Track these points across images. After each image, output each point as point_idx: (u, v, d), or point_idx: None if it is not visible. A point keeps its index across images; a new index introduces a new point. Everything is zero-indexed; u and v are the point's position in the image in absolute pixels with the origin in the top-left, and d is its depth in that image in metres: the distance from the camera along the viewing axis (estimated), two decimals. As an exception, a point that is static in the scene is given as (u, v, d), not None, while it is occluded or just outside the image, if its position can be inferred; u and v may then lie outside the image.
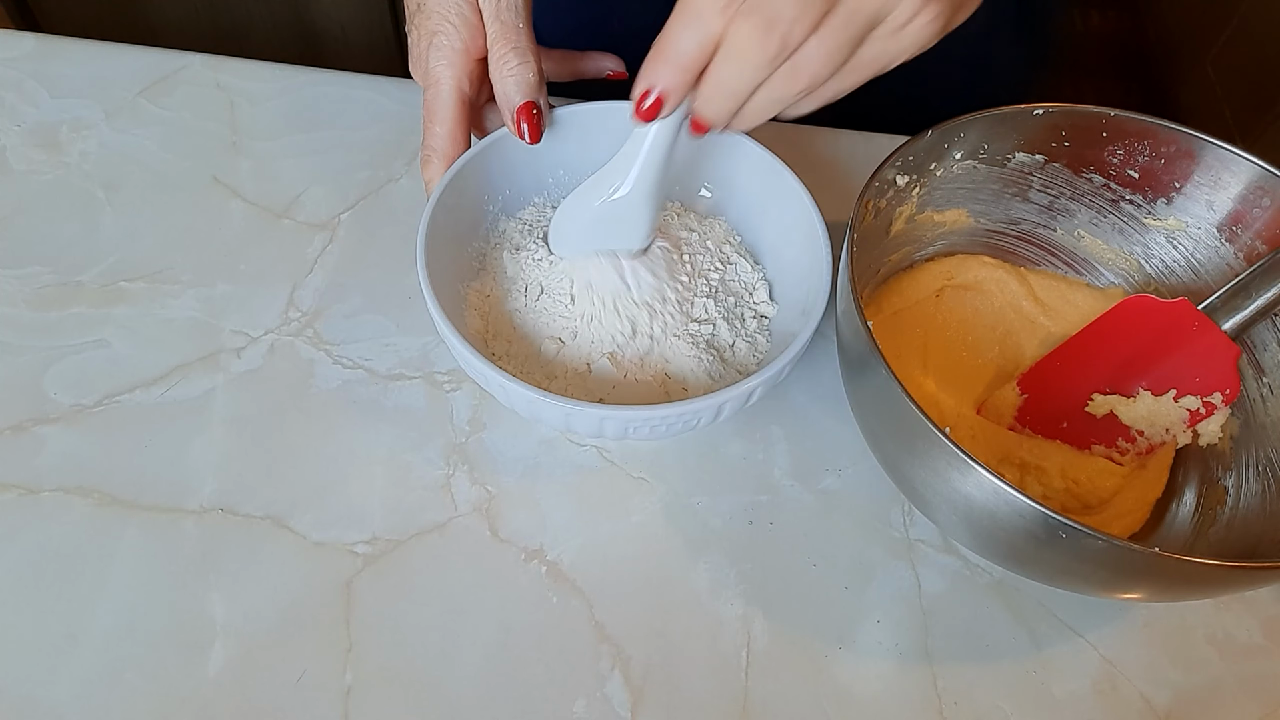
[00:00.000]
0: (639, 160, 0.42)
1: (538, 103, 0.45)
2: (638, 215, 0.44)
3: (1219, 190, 0.46)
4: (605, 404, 0.39)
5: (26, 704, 0.39)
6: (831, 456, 0.48)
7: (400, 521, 0.45)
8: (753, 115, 0.36)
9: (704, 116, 0.37)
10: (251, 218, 0.55)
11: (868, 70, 0.35)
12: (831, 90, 0.35)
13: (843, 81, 0.35)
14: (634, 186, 0.43)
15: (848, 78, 0.35)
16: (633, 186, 0.43)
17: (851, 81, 0.35)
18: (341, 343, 0.50)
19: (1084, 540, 0.33)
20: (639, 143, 0.42)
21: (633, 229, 0.45)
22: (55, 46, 0.62)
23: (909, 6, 0.33)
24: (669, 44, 0.35)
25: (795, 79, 0.34)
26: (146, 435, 0.46)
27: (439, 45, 0.44)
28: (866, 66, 0.35)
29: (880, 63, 0.35)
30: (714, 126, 0.37)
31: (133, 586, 0.42)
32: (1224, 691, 0.43)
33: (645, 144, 0.42)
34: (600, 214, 0.44)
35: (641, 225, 0.45)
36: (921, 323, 0.51)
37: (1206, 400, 0.45)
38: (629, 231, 0.45)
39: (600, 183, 0.44)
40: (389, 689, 0.40)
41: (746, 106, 0.36)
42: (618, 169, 0.43)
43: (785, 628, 0.43)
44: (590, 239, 0.46)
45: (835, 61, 0.33)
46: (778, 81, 0.34)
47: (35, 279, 0.51)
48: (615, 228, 0.45)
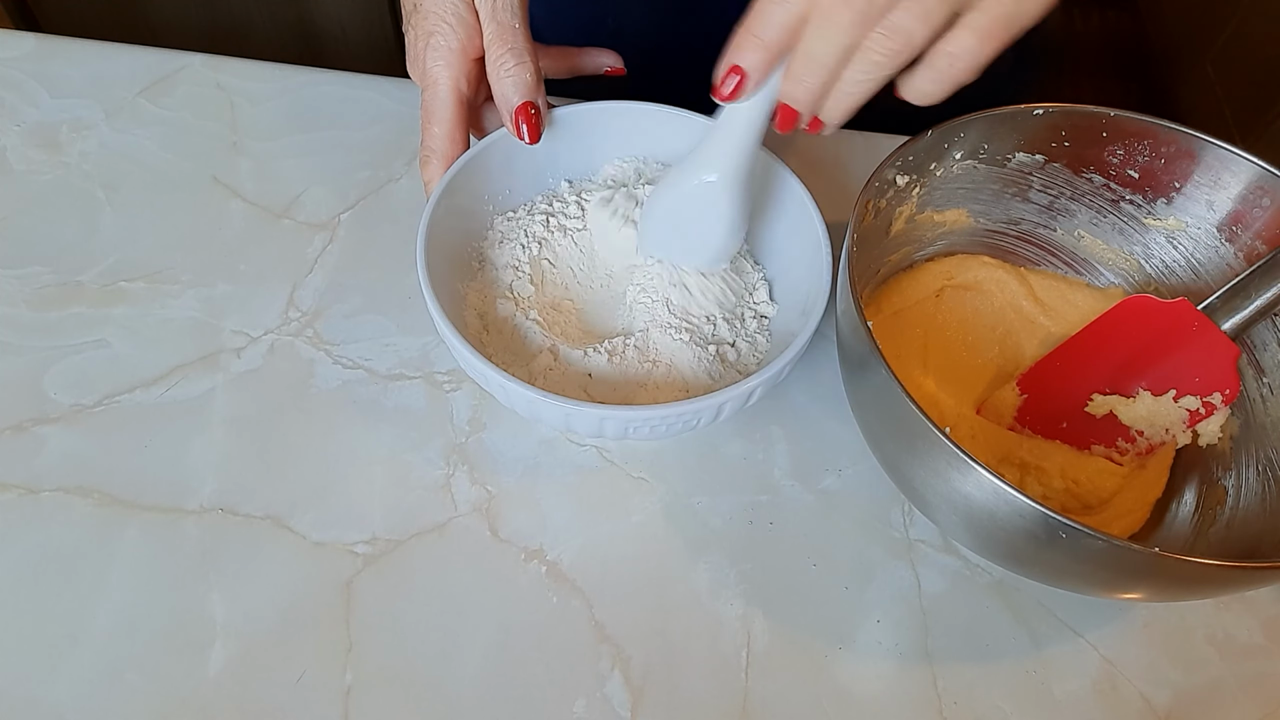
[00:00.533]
0: (726, 147, 0.40)
1: (536, 103, 0.45)
2: (723, 205, 0.42)
3: (1219, 190, 0.46)
4: (605, 404, 0.40)
5: (26, 704, 0.39)
6: (831, 456, 0.48)
7: (400, 521, 0.45)
8: (848, 90, 0.34)
9: (792, 97, 0.35)
10: (251, 218, 0.55)
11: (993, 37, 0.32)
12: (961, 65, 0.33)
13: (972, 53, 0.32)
14: (721, 173, 0.41)
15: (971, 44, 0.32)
16: (720, 174, 0.41)
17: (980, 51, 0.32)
18: (341, 343, 0.50)
19: (1084, 540, 0.33)
20: (726, 128, 0.40)
21: (719, 219, 0.43)
22: (55, 46, 0.62)
23: None
24: (752, 20, 0.34)
25: (889, 42, 0.32)
26: (146, 435, 0.46)
27: (436, 45, 0.44)
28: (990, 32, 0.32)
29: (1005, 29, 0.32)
30: (803, 109, 0.35)
31: (133, 586, 0.42)
32: (1224, 691, 0.43)
33: (734, 129, 0.40)
34: (688, 201, 0.42)
35: (726, 216, 0.43)
36: (921, 323, 0.51)
37: (1206, 400, 0.45)
38: (715, 221, 0.43)
39: (687, 169, 0.42)
40: (389, 689, 0.40)
41: (840, 81, 0.34)
42: (705, 155, 0.41)
43: (785, 628, 0.43)
44: (679, 229, 0.44)
45: (931, 23, 0.32)
46: (871, 47, 0.32)
47: (35, 279, 0.51)
48: (701, 220, 0.43)
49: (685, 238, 0.45)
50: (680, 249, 0.45)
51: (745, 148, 0.41)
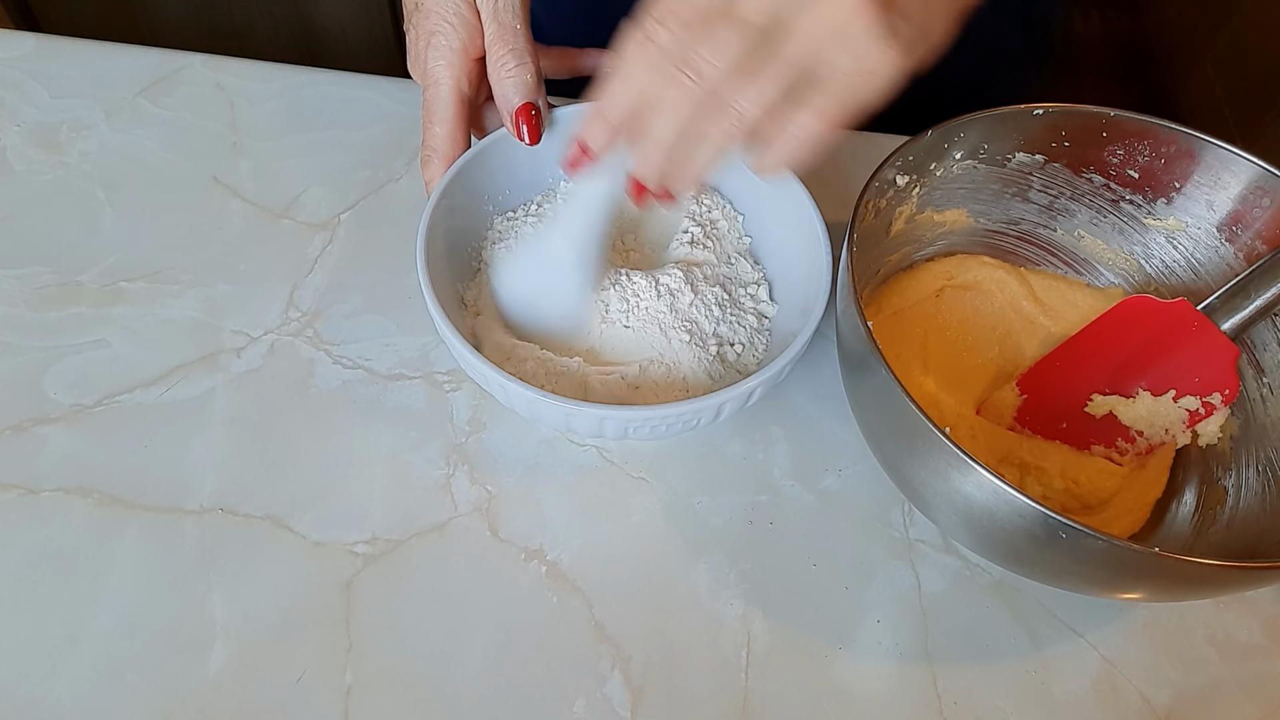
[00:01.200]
0: (578, 217, 0.42)
1: (536, 104, 0.45)
2: (574, 277, 0.44)
3: (1219, 190, 0.46)
4: (605, 404, 0.40)
5: (26, 704, 0.39)
6: (831, 456, 0.48)
7: (400, 521, 0.45)
8: (689, 166, 0.36)
9: (639, 174, 0.37)
10: (251, 218, 0.55)
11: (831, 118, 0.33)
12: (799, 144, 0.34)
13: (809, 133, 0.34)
14: (572, 244, 0.43)
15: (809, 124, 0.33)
16: (571, 245, 0.43)
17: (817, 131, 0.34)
18: (341, 343, 0.50)
19: (1084, 540, 0.33)
20: (579, 200, 0.42)
21: (569, 289, 0.45)
22: (55, 46, 0.62)
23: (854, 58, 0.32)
24: (602, 99, 0.36)
25: (723, 123, 0.34)
26: (146, 435, 0.46)
27: (437, 45, 0.44)
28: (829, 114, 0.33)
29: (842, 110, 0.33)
30: (650, 184, 0.37)
31: (133, 586, 0.42)
32: (1224, 691, 0.43)
33: (585, 201, 0.42)
34: (540, 272, 0.44)
35: (576, 286, 0.44)
36: (921, 323, 0.51)
37: (1206, 400, 0.45)
38: (566, 290, 0.45)
39: (541, 238, 0.44)
40: (389, 689, 0.40)
41: (684, 159, 0.35)
42: (560, 226, 0.43)
43: (785, 628, 0.43)
44: (532, 292, 0.45)
45: (765, 104, 0.33)
46: (706, 128, 0.34)
47: (35, 279, 0.51)
48: (553, 290, 0.45)
49: (538, 303, 0.46)
50: (533, 314, 0.46)
51: (597, 220, 0.42)
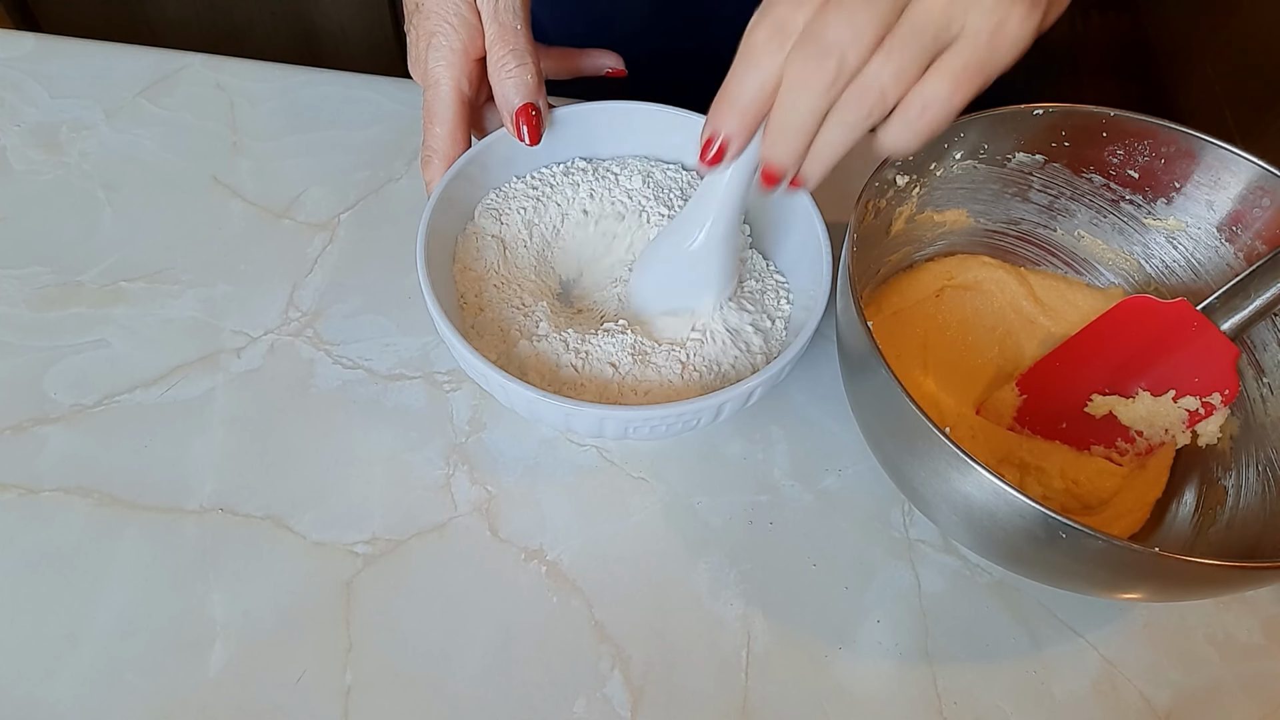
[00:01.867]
0: (711, 211, 0.42)
1: (536, 104, 0.45)
2: (711, 267, 0.43)
3: (1219, 190, 0.46)
4: (605, 404, 0.39)
5: (26, 704, 0.39)
6: (831, 456, 0.48)
7: (400, 521, 0.45)
8: (825, 150, 0.34)
9: (771, 160, 0.35)
10: (251, 218, 0.55)
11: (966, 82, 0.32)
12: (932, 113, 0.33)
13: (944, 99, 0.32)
14: (707, 237, 0.42)
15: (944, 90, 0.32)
16: (706, 237, 0.42)
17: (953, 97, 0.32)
18: (341, 343, 0.50)
19: (1084, 540, 0.33)
20: (710, 192, 0.41)
21: (707, 281, 0.44)
22: (55, 46, 0.62)
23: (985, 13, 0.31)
24: (728, 87, 0.34)
25: (862, 101, 0.32)
26: (146, 435, 0.46)
27: (438, 46, 0.44)
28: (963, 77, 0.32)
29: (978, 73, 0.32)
30: (784, 171, 0.35)
31: (133, 586, 0.42)
32: (1224, 691, 0.43)
33: (717, 193, 0.41)
34: (676, 266, 0.44)
35: (714, 277, 0.44)
36: (921, 323, 0.51)
37: (1205, 401, 0.45)
38: (704, 284, 0.44)
39: (674, 234, 0.44)
40: (389, 689, 0.40)
41: (817, 142, 0.34)
42: (691, 219, 0.42)
43: (785, 628, 0.43)
44: (668, 294, 0.45)
45: (904, 78, 0.32)
46: (845, 107, 0.33)
47: (35, 279, 0.51)
48: (691, 280, 0.44)
49: (674, 300, 0.45)
50: (671, 309, 0.46)
51: (729, 211, 0.41)
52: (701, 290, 0.45)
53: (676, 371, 0.44)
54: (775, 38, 0.33)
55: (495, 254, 0.48)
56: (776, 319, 0.47)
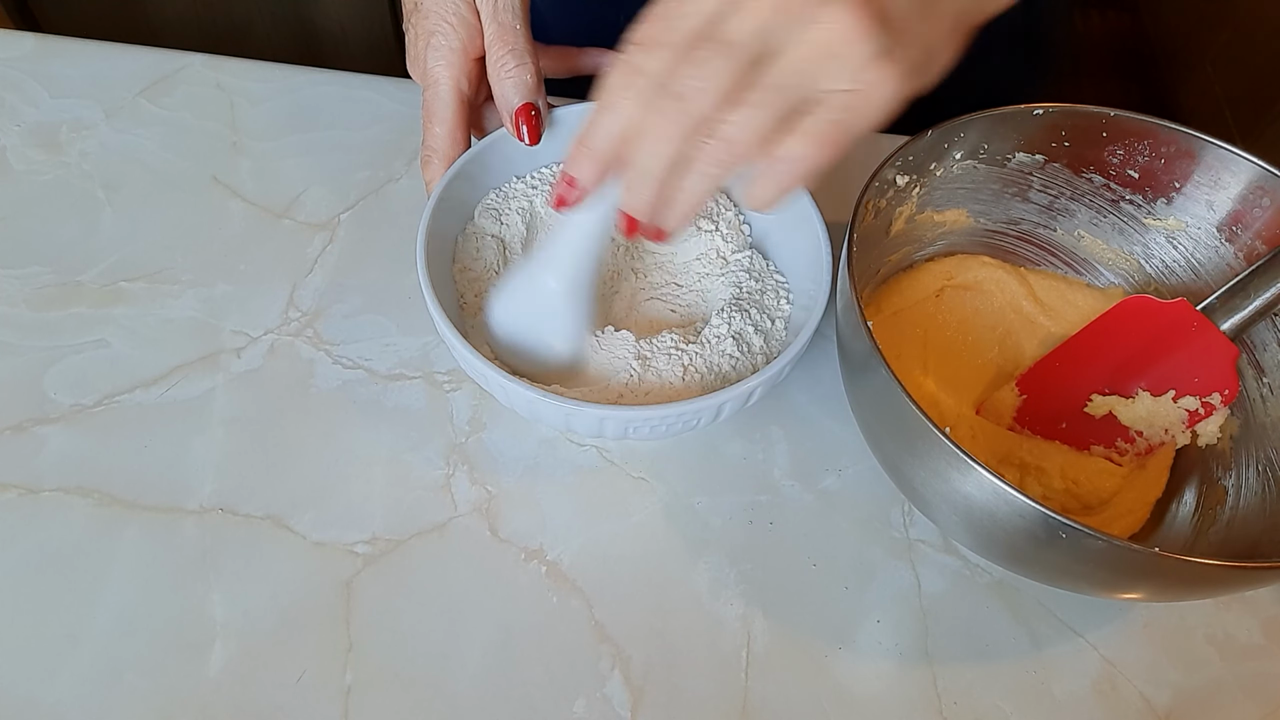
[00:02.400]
0: (569, 252, 0.41)
1: (536, 104, 0.45)
2: (565, 312, 0.43)
3: (1219, 190, 0.46)
4: (605, 404, 0.39)
5: (26, 704, 0.39)
6: (831, 456, 0.48)
7: (400, 521, 0.45)
8: (681, 198, 0.34)
9: (628, 207, 0.35)
10: (251, 218, 0.55)
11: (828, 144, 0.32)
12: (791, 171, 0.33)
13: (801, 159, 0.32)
14: (561, 280, 0.42)
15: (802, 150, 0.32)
16: (560, 281, 0.42)
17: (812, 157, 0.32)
18: (341, 343, 0.50)
19: (1084, 540, 0.33)
20: (571, 234, 0.41)
21: (562, 325, 0.43)
22: (55, 46, 0.62)
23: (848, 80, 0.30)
24: (584, 133, 0.35)
25: (714, 152, 0.32)
26: (146, 435, 0.46)
27: (437, 45, 0.44)
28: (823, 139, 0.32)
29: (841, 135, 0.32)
30: (641, 217, 0.35)
31: (133, 586, 0.42)
32: (1224, 691, 0.43)
33: (574, 235, 0.41)
34: (533, 305, 0.43)
35: (569, 322, 0.43)
36: (921, 323, 0.51)
37: (1205, 401, 0.45)
38: (559, 327, 0.43)
39: (531, 270, 0.43)
40: (389, 689, 0.40)
41: (673, 191, 0.34)
42: (550, 259, 0.42)
43: (785, 628, 0.43)
44: (523, 331, 0.44)
45: (758, 132, 0.31)
46: (697, 157, 0.32)
47: (35, 279, 0.51)
48: (548, 321, 0.43)
49: (527, 338, 0.44)
50: (524, 347, 0.45)
51: (587, 254, 0.41)
52: (558, 332, 0.44)
53: (677, 373, 0.44)
54: (631, 85, 0.32)
55: (495, 254, 0.48)
56: (776, 319, 0.47)
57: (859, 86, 0.31)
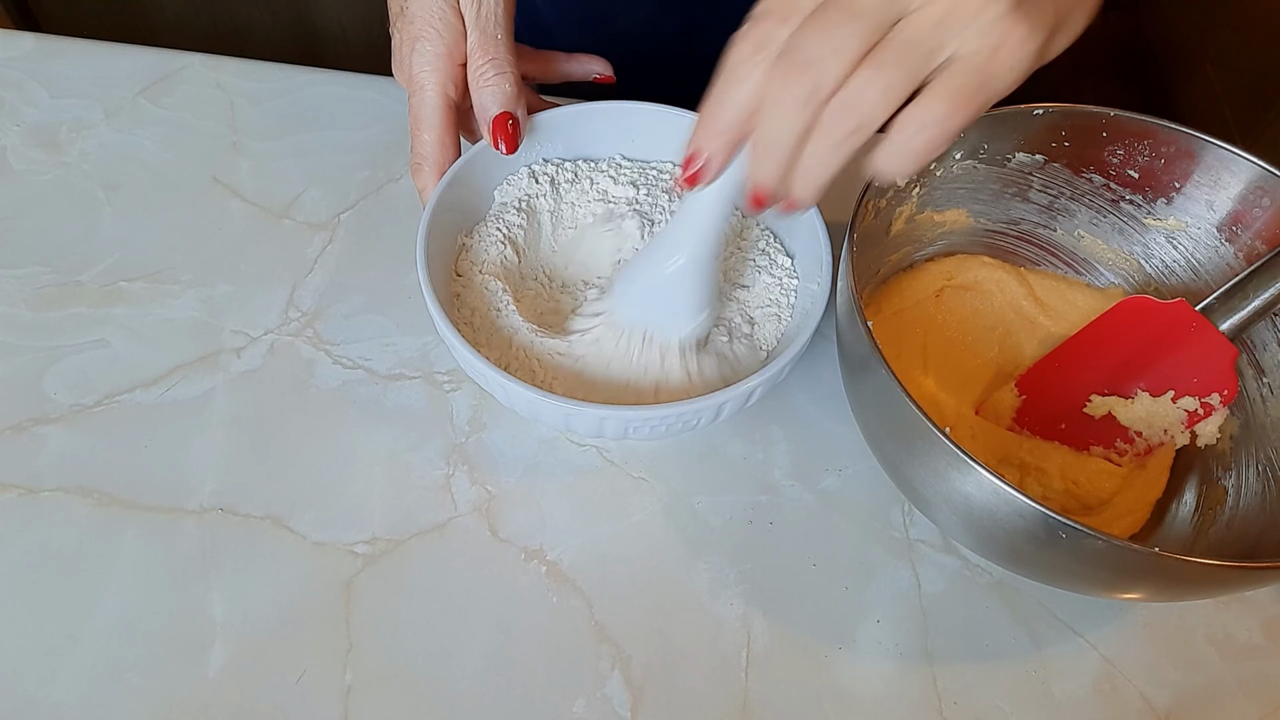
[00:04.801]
0: (693, 233, 0.41)
1: (514, 114, 0.45)
2: (688, 291, 0.42)
3: (1219, 190, 0.46)
4: (605, 404, 0.39)
5: (26, 704, 0.39)
6: (831, 456, 0.48)
7: (400, 521, 0.45)
8: (812, 170, 0.32)
9: (756, 180, 0.34)
10: (251, 218, 0.55)
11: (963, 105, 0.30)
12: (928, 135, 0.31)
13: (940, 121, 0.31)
14: (688, 260, 0.41)
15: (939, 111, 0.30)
16: (686, 260, 0.41)
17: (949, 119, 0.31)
18: (341, 343, 0.50)
19: (1084, 540, 0.33)
20: (692, 212, 0.40)
21: (687, 301, 0.43)
22: (55, 46, 0.62)
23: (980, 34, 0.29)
24: (709, 106, 0.33)
25: (845, 118, 0.31)
26: (146, 435, 0.46)
27: (422, 50, 0.44)
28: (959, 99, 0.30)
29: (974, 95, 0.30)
30: (769, 191, 0.34)
31: (133, 586, 0.42)
32: (1224, 691, 0.43)
33: (699, 214, 0.40)
34: (654, 285, 0.43)
35: (691, 303, 0.43)
36: (921, 323, 0.51)
37: (1204, 401, 0.45)
38: (685, 302, 0.43)
39: (654, 252, 0.43)
40: (389, 689, 0.40)
41: (802, 161, 0.32)
42: (672, 240, 0.41)
43: (785, 628, 0.43)
44: (645, 312, 0.44)
45: (891, 96, 0.30)
46: (827, 124, 0.31)
47: (35, 279, 0.51)
48: (673, 298, 0.43)
49: (658, 315, 0.44)
50: (654, 324, 0.44)
51: (711, 231, 0.40)
52: (678, 313, 0.43)
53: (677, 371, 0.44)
54: (756, 54, 0.32)
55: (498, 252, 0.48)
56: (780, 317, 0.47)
57: (991, 44, 0.30)
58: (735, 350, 0.46)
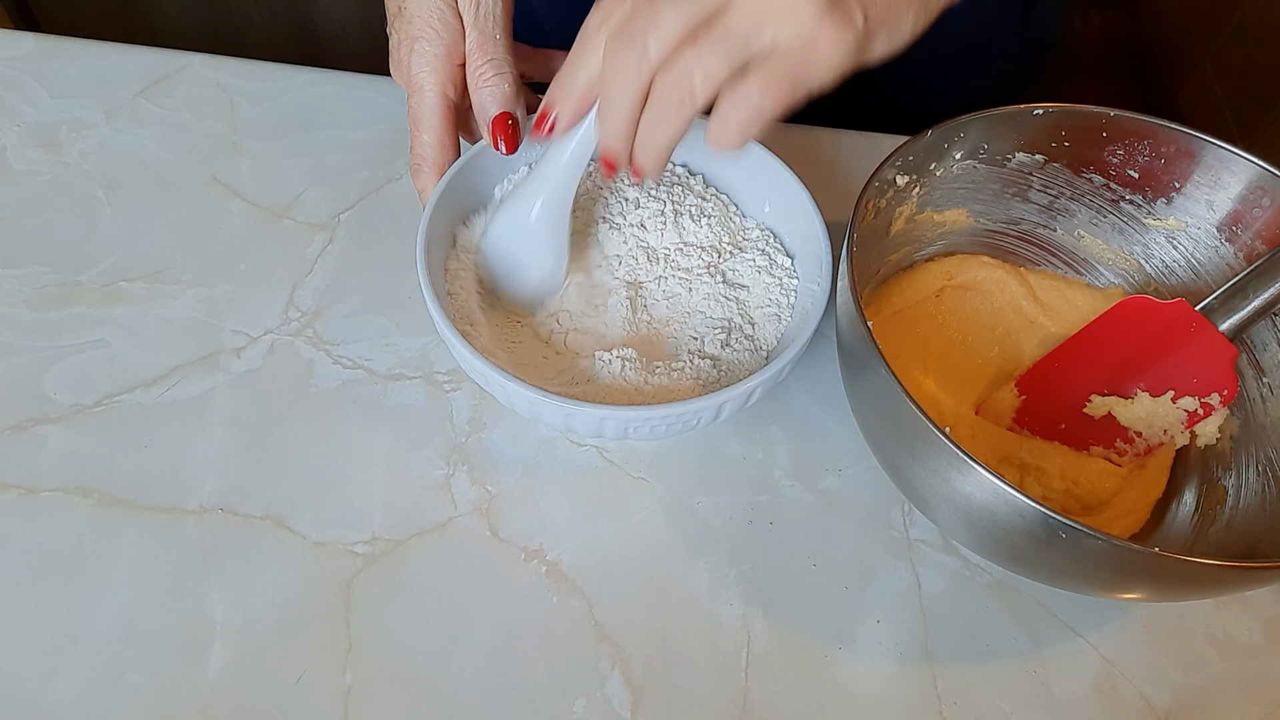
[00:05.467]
0: (547, 185, 0.43)
1: (513, 114, 0.45)
2: (543, 240, 0.44)
3: (1219, 190, 0.46)
4: (605, 404, 0.40)
5: (26, 704, 0.39)
6: (831, 456, 0.48)
7: (400, 521, 0.45)
8: (651, 139, 0.36)
9: (603, 145, 0.37)
10: (251, 218, 0.55)
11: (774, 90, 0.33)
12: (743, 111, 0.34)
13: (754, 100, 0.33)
14: (541, 210, 0.43)
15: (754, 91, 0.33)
16: (540, 210, 0.44)
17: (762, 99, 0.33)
18: (341, 343, 0.50)
19: (1084, 540, 0.33)
20: (550, 167, 0.42)
21: (541, 253, 0.45)
22: (55, 46, 0.62)
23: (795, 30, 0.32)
24: (563, 71, 0.37)
25: (671, 92, 0.34)
26: (146, 435, 0.46)
27: (421, 51, 0.44)
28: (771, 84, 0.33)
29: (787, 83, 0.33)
30: (615, 154, 0.37)
31: (133, 586, 0.42)
32: (1224, 691, 0.43)
33: (555, 169, 0.42)
34: (515, 233, 0.45)
35: (546, 250, 0.45)
36: (921, 323, 0.51)
37: (1204, 401, 0.45)
38: (538, 254, 0.45)
39: (514, 202, 0.45)
40: (389, 689, 0.40)
41: (641, 130, 0.36)
42: (529, 192, 0.44)
43: (785, 628, 0.43)
44: (508, 259, 0.46)
45: (711, 75, 0.33)
46: (657, 97, 0.34)
47: (35, 279, 0.51)
48: (528, 250, 0.45)
49: (507, 264, 0.46)
50: (504, 273, 0.47)
51: (562, 188, 0.43)
52: (535, 260, 0.46)
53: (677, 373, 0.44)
54: (602, 25, 0.36)
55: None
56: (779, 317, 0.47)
57: (805, 41, 0.32)
58: (735, 350, 0.46)
